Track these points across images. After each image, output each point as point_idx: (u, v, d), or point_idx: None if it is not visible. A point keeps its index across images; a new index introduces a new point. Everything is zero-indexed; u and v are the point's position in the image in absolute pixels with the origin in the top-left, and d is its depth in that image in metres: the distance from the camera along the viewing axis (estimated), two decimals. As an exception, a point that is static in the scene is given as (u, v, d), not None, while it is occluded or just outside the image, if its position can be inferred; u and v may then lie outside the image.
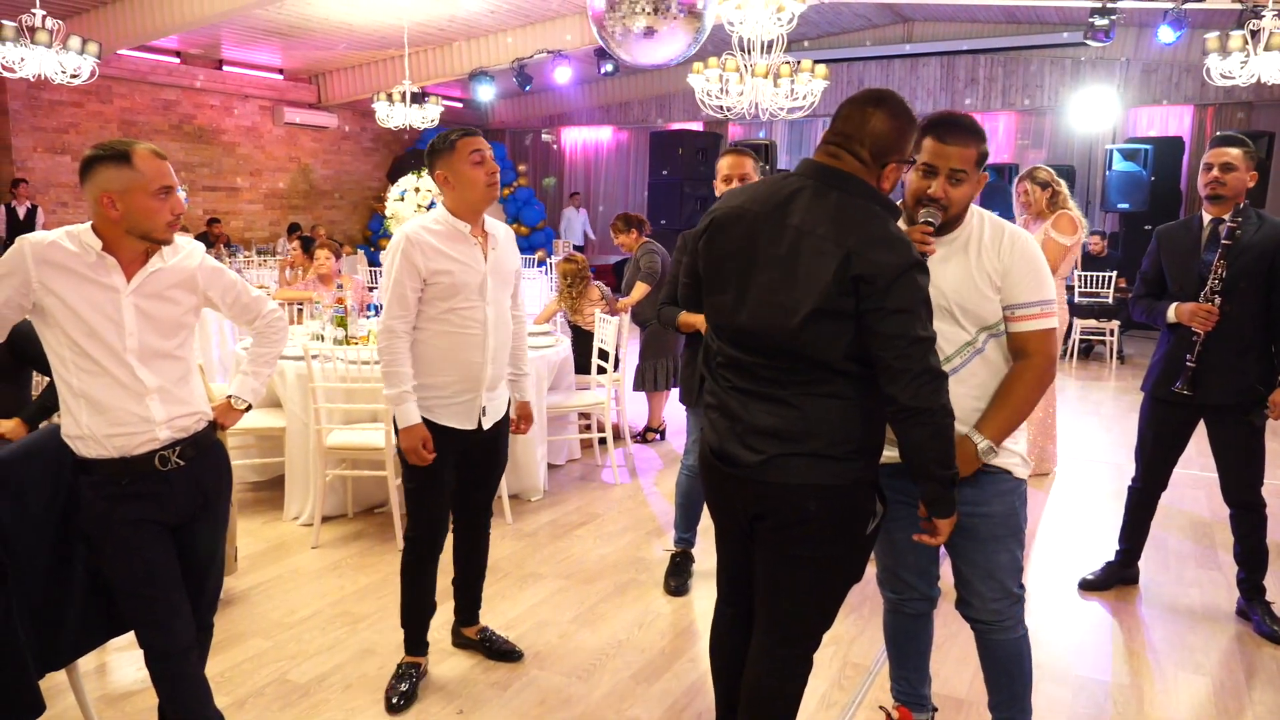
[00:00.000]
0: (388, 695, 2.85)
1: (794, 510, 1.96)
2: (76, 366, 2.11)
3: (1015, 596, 2.30)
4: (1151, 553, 3.92)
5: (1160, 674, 3.10)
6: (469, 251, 2.74)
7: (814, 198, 1.92)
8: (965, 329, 2.19)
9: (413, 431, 2.74)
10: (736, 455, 2.01)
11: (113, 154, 2.06)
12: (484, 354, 2.79)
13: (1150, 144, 10.80)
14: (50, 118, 10.78)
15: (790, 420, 1.94)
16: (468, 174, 2.68)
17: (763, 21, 7.30)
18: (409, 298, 2.70)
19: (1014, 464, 2.25)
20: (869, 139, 1.92)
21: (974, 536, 2.26)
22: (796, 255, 1.89)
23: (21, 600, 2.24)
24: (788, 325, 1.89)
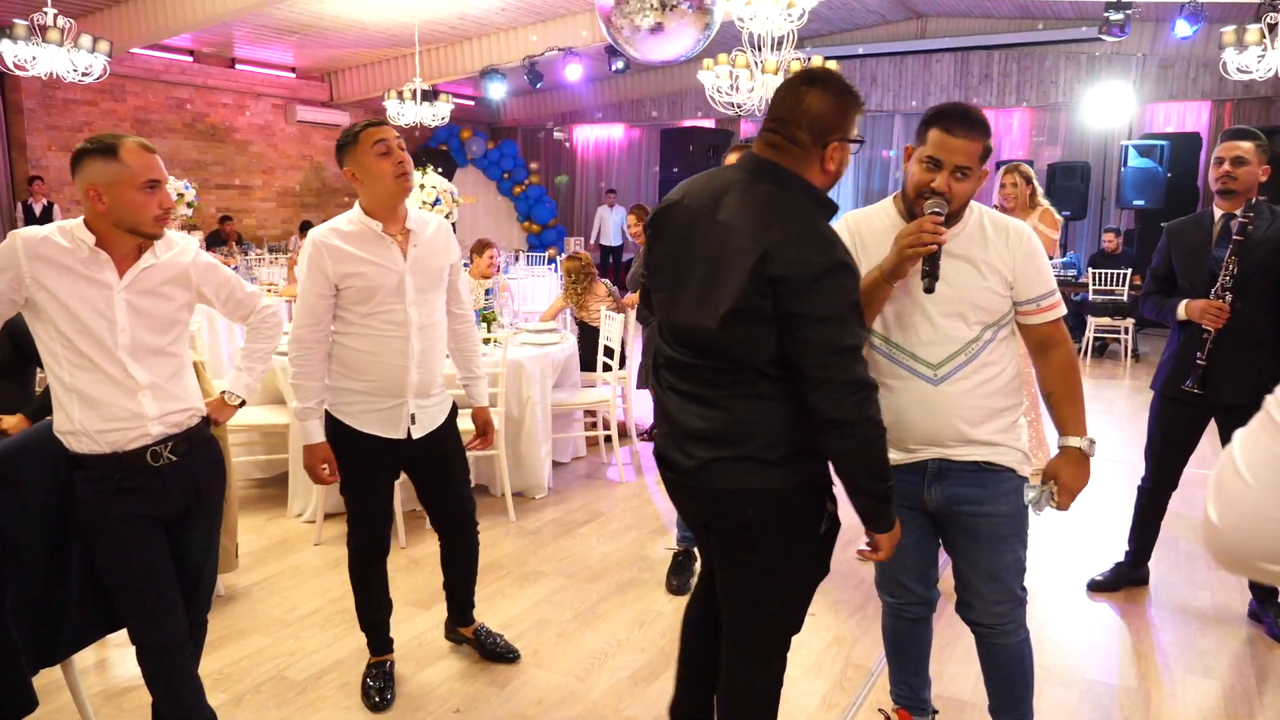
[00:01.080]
0: (367, 696, 2.82)
1: (732, 517, 1.91)
2: (69, 362, 2.11)
3: (1018, 599, 2.25)
4: (1162, 554, 3.86)
5: (1169, 677, 3.04)
6: (383, 251, 2.60)
7: (743, 192, 1.84)
8: (970, 326, 2.14)
9: (313, 450, 2.68)
10: (674, 460, 1.97)
11: (100, 147, 2.06)
12: (407, 359, 2.65)
13: (1166, 140, 10.68)
14: (64, 116, 10.85)
15: (721, 423, 1.87)
16: (373, 166, 2.54)
17: (773, 18, 7.26)
18: (317, 305, 2.60)
19: (1017, 461, 2.20)
20: (805, 119, 1.82)
21: (977, 537, 2.21)
22: (722, 253, 1.81)
23: (16, 596, 2.23)
24: (709, 325, 1.82)
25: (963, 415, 2.15)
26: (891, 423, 2.20)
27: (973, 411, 2.15)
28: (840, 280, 1.76)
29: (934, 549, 2.38)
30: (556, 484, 5.05)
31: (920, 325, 2.15)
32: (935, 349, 2.15)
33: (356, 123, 2.64)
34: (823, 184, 1.89)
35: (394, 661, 2.96)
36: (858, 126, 1.90)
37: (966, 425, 2.15)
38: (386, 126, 2.61)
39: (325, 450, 2.69)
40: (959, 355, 2.14)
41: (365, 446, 2.70)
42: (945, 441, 2.18)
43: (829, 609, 3.51)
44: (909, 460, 2.22)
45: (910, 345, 2.17)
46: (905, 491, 2.23)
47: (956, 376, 2.14)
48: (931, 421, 2.17)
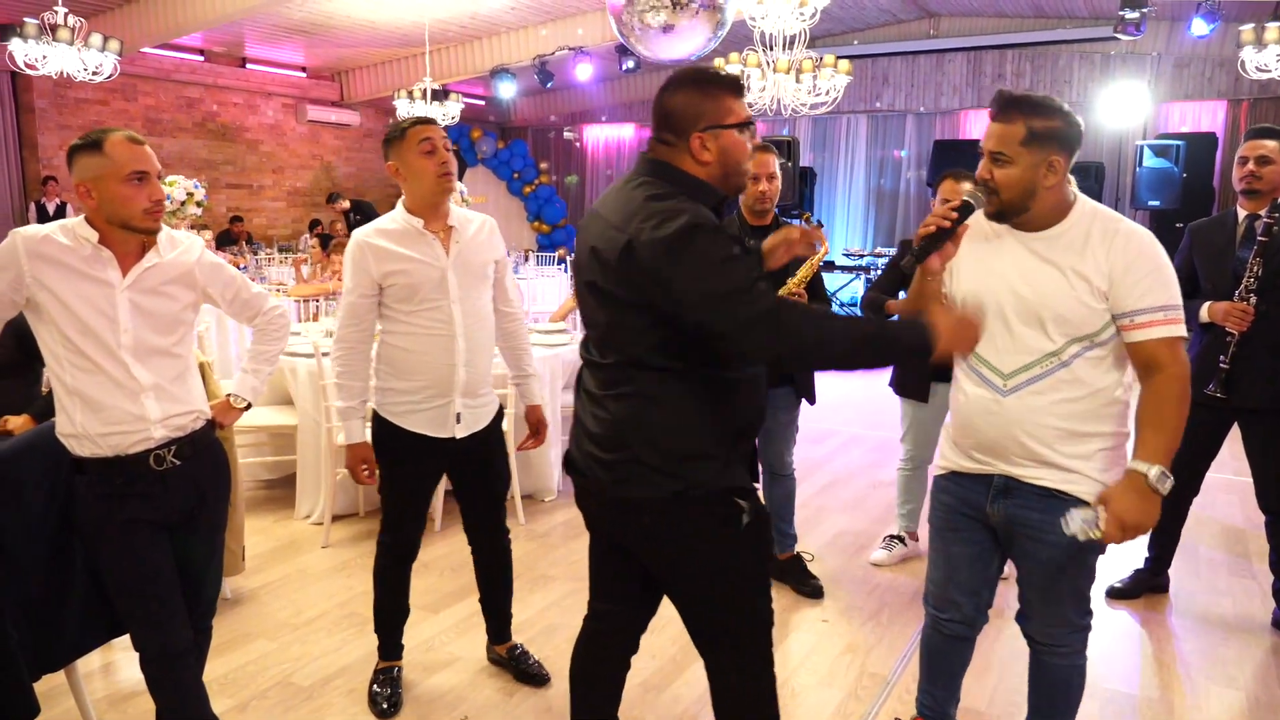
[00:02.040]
0: (374, 703, 2.78)
1: (631, 526, 1.91)
2: (70, 364, 2.07)
3: (1075, 625, 2.14)
4: (1182, 560, 3.79)
5: (1191, 687, 2.98)
6: (426, 248, 2.60)
7: (619, 189, 1.88)
8: (1051, 338, 1.98)
9: (354, 450, 2.68)
10: (574, 463, 1.99)
11: (87, 143, 2.04)
12: (454, 356, 2.63)
13: (1182, 140, 10.57)
14: (76, 115, 10.87)
15: (606, 425, 1.87)
16: (416, 164, 2.56)
17: (785, 17, 7.20)
18: (359, 305, 2.61)
19: (1091, 494, 2.00)
20: (666, 119, 1.85)
21: (1035, 560, 2.10)
22: (604, 246, 1.82)
23: (16, 600, 2.20)
24: (597, 317, 1.87)
25: (1030, 431, 2.00)
26: (960, 427, 2.16)
27: (1043, 430, 1.99)
28: (691, 246, 1.70)
29: (991, 570, 2.26)
30: (566, 486, 5.00)
31: (996, 330, 2.03)
32: (1008, 357, 2.03)
33: (404, 119, 2.64)
34: (706, 175, 1.85)
35: (402, 668, 2.92)
36: (736, 110, 1.84)
37: (1034, 442, 2.00)
38: (434, 125, 2.61)
39: (366, 450, 2.69)
40: (1034, 367, 2.00)
41: (411, 446, 2.68)
42: (1009, 457, 2.06)
43: (842, 616, 3.46)
44: (976, 470, 2.13)
45: (982, 349, 2.05)
46: (970, 500, 2.16)
47: (1028, 390, 2.00)
48: (994, 433, 2.05)
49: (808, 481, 5.02)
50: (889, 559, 3.95)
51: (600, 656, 2.20)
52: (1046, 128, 1.93)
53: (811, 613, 3.48)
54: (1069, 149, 1.97)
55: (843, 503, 4.82)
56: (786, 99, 8.14)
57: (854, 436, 6.18)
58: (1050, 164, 1.94)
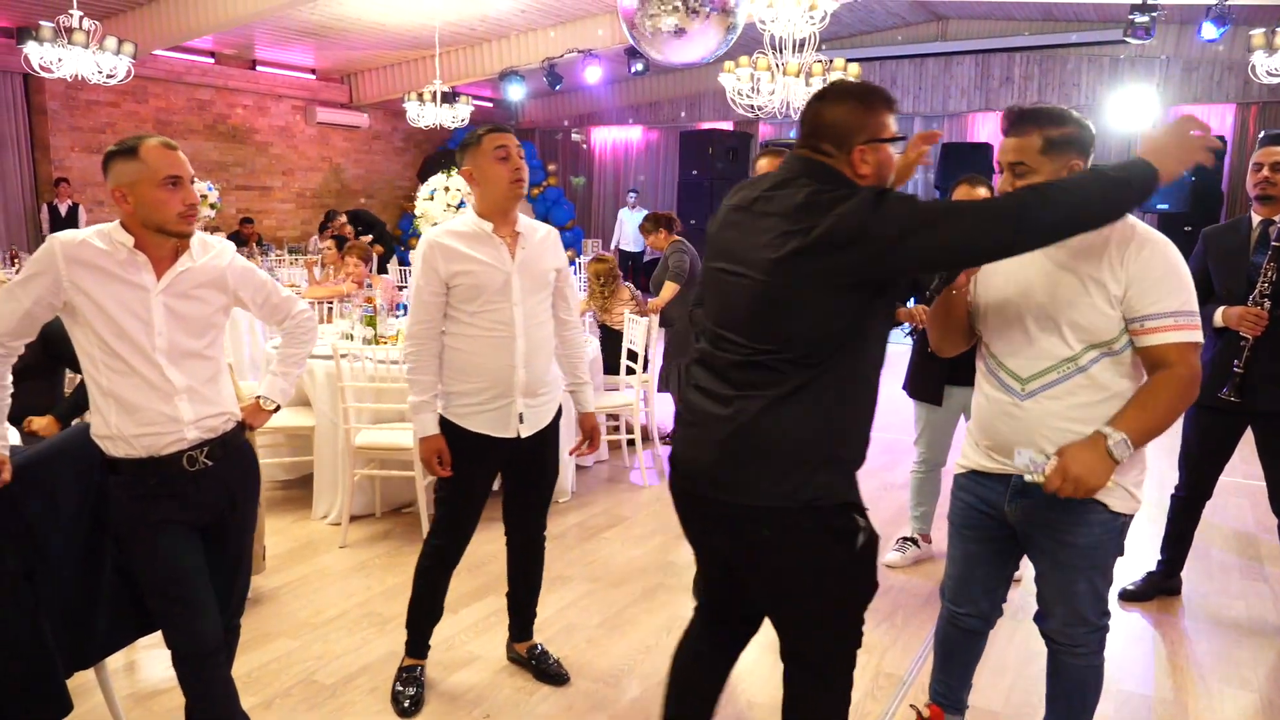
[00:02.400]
0: (396, 700, 2.82)
1: (749, 536, 1.86)
2: (106, 366, 2.11)
3: (1092, 625, 2.16)
4: (1194, 563, 3.81)
5: (1205, 689, 3.00)
6: (493, 252, 2.68)
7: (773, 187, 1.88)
8: (1069, 344, 2.01)
9: (428, 442, 2.72)
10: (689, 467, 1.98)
11: (122, 149, 2.08)
12: (514, 357, 2.70)
13: (1191, 143, 10.58)
14: (87, 117, 10.93)
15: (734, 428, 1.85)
16: (491, 170, 2.64)
17: (795, 20, 7.22)
18: (429, 302, 2.67)
19: (1114, 497, 2.05)
20: (825, 131, 1.85)
21: (1053, 560, 2.14)
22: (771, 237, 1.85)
23: (50, 599, 2.23)
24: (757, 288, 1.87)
25: (1047, 436, 2.02)
26: (979, 428, 2.20)
27: (1059, 434, 2.01)
28: (890, 200, 1.72)
29: (1008, 568, 2.32)
30: (580, 488, 5.04)
31: (1015, 335, 2.08)
32: (1027, 363, 2.06)
33: (482, 125, 2.72)
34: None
35: (425, 667, 2.96)
36: (891, 125, 1.88)
37: (1050, 446, 2.00)
38: (509, 134, 2.69)
39: (439, 441, 2.73)
40: (1051, 372, 2.03)
41: (473, 447, 2.73)
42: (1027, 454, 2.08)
43: (858, 617, 3.48)
44: (995, 470, 2.17)
45: (1002, 354, 2.11)
46: (988, 500, 2.20)
47: (1046, 394, 2.03)
48: (1013, 436, 2.08)
49: (820, 483, 5.04)
50: (903, 560, 3.97)
51: (696, 666, 2.18)
52: (1062, 135, 1.97)
53: (826, 614, 3.51)
54: (1085, 153, 2.01)
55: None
56: (796, 102, 8.16)
57: (864, 439, 6.19)
58: (1070, 168, 1.97)
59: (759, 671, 3.05)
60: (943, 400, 3.75)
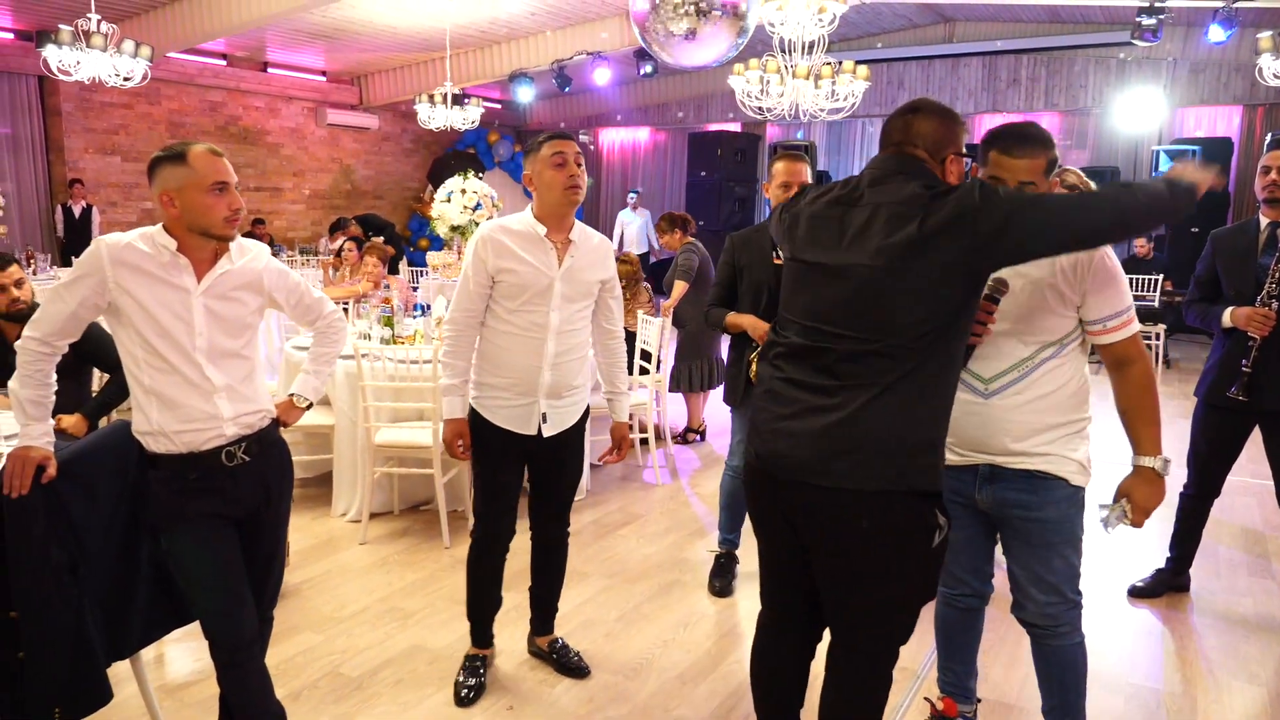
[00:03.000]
0: (456, 688, 2.91)
1: (846, 524, 1.92)
2: (148, 365, 2.17)
3: (1070, 602, 2.29)
4: (1202, 561, 3.86)
5: (1214, 683, 3.06)
6: (541, 255, 2.74)
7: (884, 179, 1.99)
8: (1026, 345, 2.19)
9: (452, 424, 2.82)
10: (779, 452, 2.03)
11: (170, 154, 2.14)
12: (542, 359, 2.76)
13: (1198, 145, 10.62)
14: (101, 119, 11.02)
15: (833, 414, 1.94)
16: (547, 175, 2.71)
17: (804, 22, 7.28)
18: (473, 293, 2.76)
19: (1070, 471, 2.22)
20: (919, 139, 1.98)
21: (1027, 541, 2.27)
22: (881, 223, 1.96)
23: (91, 591, 2.30)
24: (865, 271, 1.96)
25: (1010, 430, 2.20)
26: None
27: (1020, 427, 2.19)
28: (992, 190, 1.82)
29: (987, 545, 2.45)
30: (594, 486, 5.10)
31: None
32: (988, 364, 2.21)
33: (543, 132, 2.80)
34: None
35: (488, 657, 3.05)
36: (964, 141, 2.05)
37: (1012, 440, 2.20)
38: (570, 141, 2.76)
39: (462, 425, 2.82)
40: (1011, 371, 2.19)
41: (498, 439, 2.82)
42: (991, 450, 2.24)
43: (871, 612, 3.54)
44: (961, 462, 2.30)
45: (971, 363, 2.23)
46: (959, 490, 2.31)
47: (1008, 391, 2.20)
48: (979, 433, 2.24)
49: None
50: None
51: (778, 656, 2.23)
52: (1053, 157, 2.17)
53: (840, 610, 3.57)
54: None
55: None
56: (805, 104, 8.22)
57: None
58: (1051, 188, 2.18)
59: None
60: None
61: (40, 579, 2.17)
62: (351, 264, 7.16)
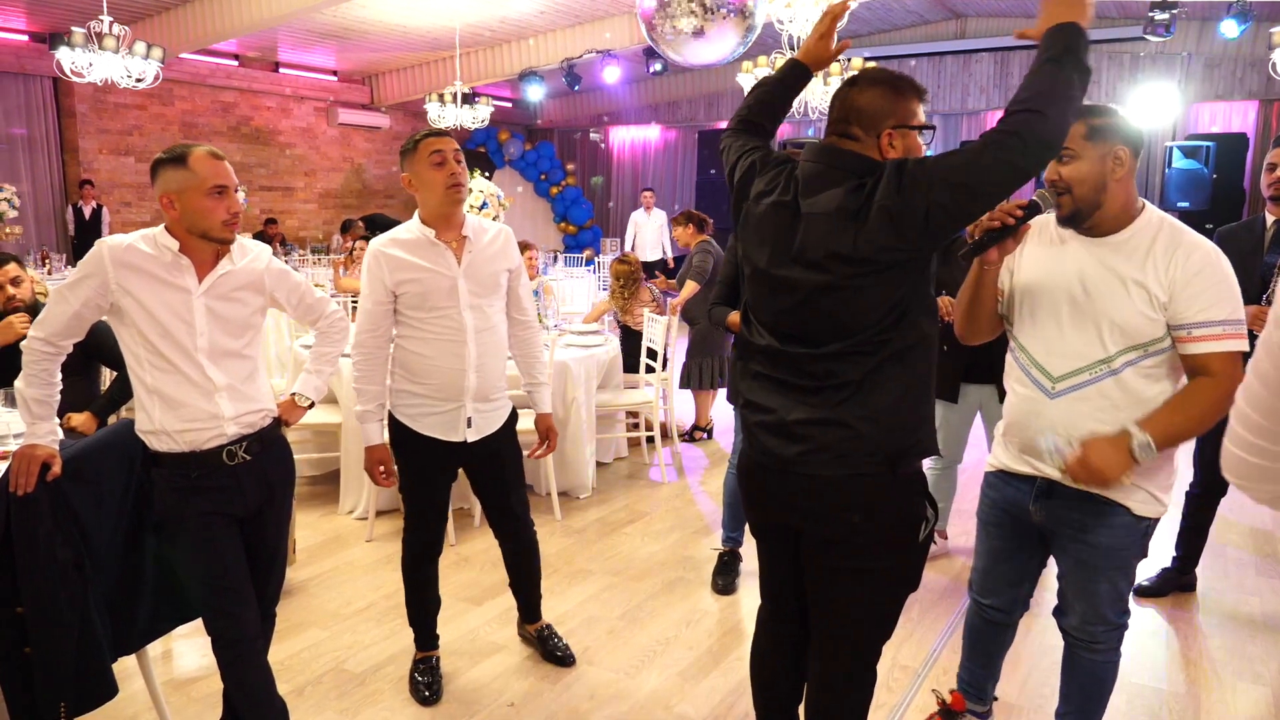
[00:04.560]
0: (416, 691, 2.90)
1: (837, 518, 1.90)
2: (150, 365, 2.20)
3: (1112, 624, 2.20)
4: (1209, 560, 3.84)
5: (1218, 683, 3.04)
6: (437, 257, 2.68)
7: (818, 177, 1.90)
8: (1104, 345, 2.01)
9: (372, 452, 2.79)
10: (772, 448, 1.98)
11: (171, 157, 2.16)
12: (464, 363, 2.72)
13: (1212, 141, 10.53)
14: (114, 120, 11.11)
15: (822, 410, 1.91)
16: (427, 175, 2.64)
17: (813, 20, 7.26)
18: (373, 311, 2.71)
19: (1136, 500, 2.07)
20: (854, 115, 1.88)
21: (1076, 559, 2.16)
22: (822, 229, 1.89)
23: (97, 588, 2.33)
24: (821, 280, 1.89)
25: (1070, 436, 2.03)
26: (1008, 426, 2.21)
27: (1088, 434, 2.00)
28: (909, 169, 1.74)
29: (1033, 565, 2.34)
30: (600, 484, 5.11)
31: (1048, 330, 2.09)
32: (1059, 360, 2.07)
33: (419, 131, 2.72)
34: None
35: (439, 657, 3.05)
36: (919, 113, 1.91)
37: (1071, 449, 2.01)
38: (447, 138, 2.68)
39: (384, 452, 2.80)
40: (1084, 373, 2.03)
41: (424, 447, 2.79)
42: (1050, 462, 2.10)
43: (874, 611, 3.54)
44: (1019, 469, 2.20)
45: (1033, 350, 2.12)
46: (1015, 500, 2.22)
47: (1074, 395, 2.04)
48: (1037, 435, 2.09)
49: (837, 480, 5.09)
50: (919, 556, 4.01)
51: (777, 652, 2.21)
52: (1104, 123, 2.00)
53: (843, 608, 3.57)
54: (1131, 143, 2.01)
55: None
56: (814, 101, 8.21)
57: (882, 436, 6.23)
58: (1116, 155, 1.99)
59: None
60: (959, 398, 3.79)
61: (47, 576, 2.19)
62: (360, 261, 7.19)
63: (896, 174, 1.75)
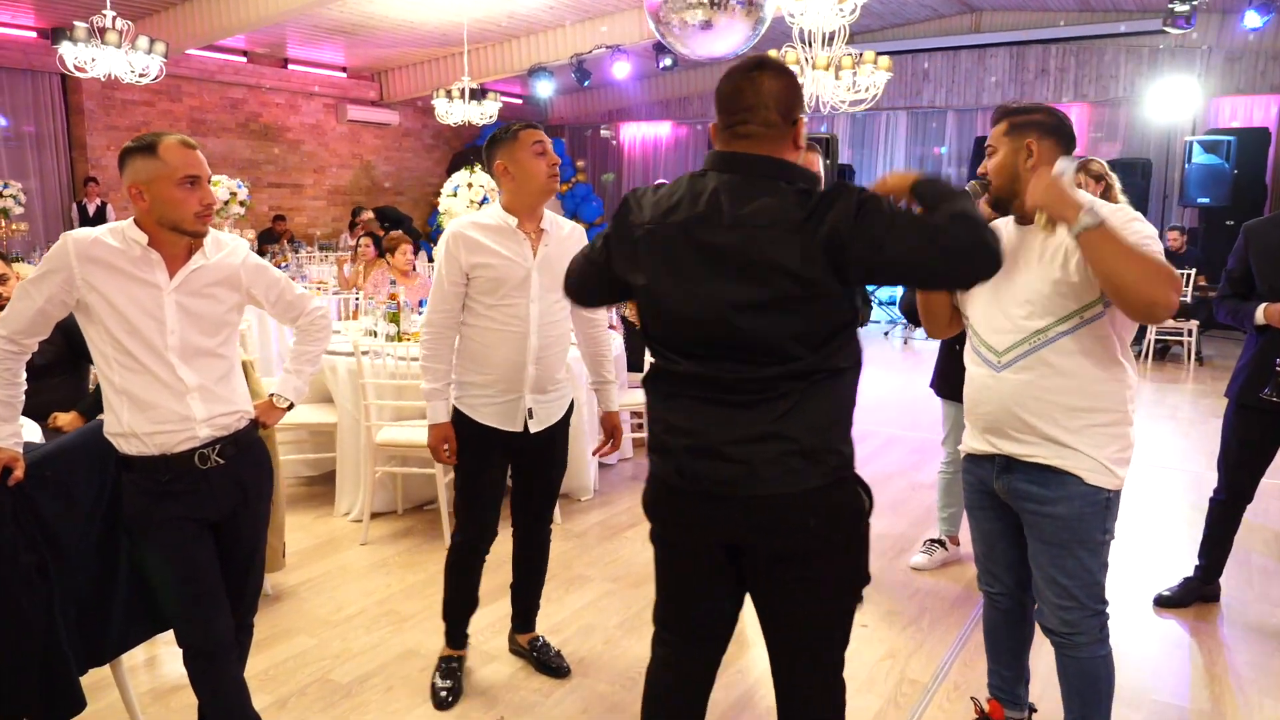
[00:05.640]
0: (434, 691, 2.84)
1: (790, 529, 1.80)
2: (118, 364, 2.10)
3: (1088, 609, 2.18)
4: (1233, 569, 3.69)
5: (1244, 700, 2.90)
6: (515, 246, 2.68)
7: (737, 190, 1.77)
8: (1037, 316, 2.10)
9: (436, 430, 2.75)
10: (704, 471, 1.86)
11: (140, 145, 2.06)
12: (525, 353, 2.70)
13: (1233, 135, 10.32)
14: (123, 116, 11.07)
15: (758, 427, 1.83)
16: (529, 165, 2.65)
17: (824, 13, 7.12)
18: (448, 292, 2.69)
19: (1084, 468, 2.11)
20: (772, 101, 1.76)
21: (1040, 537, 2.19)
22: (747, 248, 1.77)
23: (66, 596, 2.24)
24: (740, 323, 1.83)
25: (1022, 404, 2.12)
26: (967, 406, 2.30)
27: (1034, 403, 2.11)
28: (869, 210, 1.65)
29: (1022, 543, 2.33)
30: (603, 486, 5.00)
31: (991, 311, 2.19)
32: (1001, 336, 2.16)
33: (514, 122, 2.73)
34: (795, 160, 1.80)
35: (464, 658, 2.98)
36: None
37: (1027, 414, 2.12)
38: (542, 130, 2.71)
39: (447, 429, 2.76)
40: (1023, 344, 2.12)
41: (483, 438, 2.75)
42: (1007, 432, 2.17)
43: (882, 621, 3.41)
44: (985, 451, 2.26)
45: (980, 328, 2.22)
46: (982, 478, 2.30)
47: (1019, 365, 2.13)
48: (993, 408, 2.18)
49: (846, 483, 4.96)
50: (929, 563, 3.89)
51: (679, 695, 2.06)
52: (1021, 120, 2.13)
53: (850, 617, 3.44)
54: (1049, 136, 2.11)
55: (881, 505, 4.73)
56: (826, 96, 8.06)
57: (892, 437, 6.11)
58: (1028, 148, 2.10)
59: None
60: (971, 399, 3.67)
61: (7, 582, 2.10)
62: (367, 260, 7.10)
63: (859, 210, 1.65)
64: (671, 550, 1.98)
